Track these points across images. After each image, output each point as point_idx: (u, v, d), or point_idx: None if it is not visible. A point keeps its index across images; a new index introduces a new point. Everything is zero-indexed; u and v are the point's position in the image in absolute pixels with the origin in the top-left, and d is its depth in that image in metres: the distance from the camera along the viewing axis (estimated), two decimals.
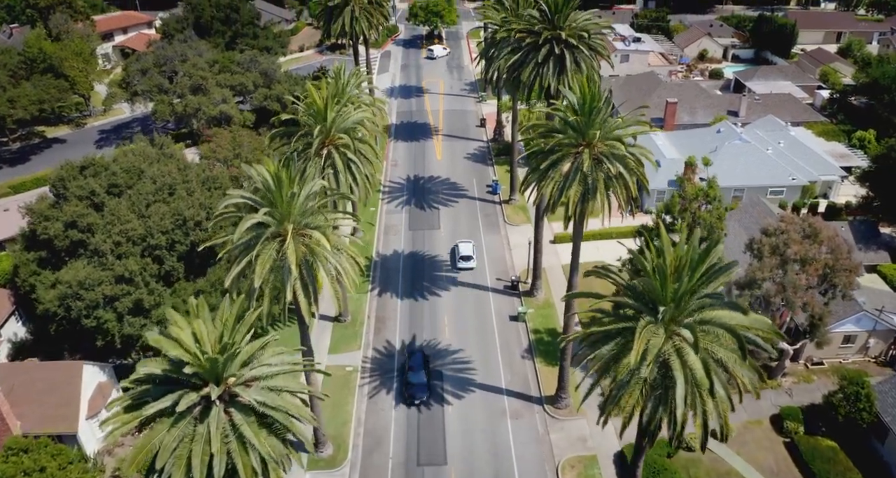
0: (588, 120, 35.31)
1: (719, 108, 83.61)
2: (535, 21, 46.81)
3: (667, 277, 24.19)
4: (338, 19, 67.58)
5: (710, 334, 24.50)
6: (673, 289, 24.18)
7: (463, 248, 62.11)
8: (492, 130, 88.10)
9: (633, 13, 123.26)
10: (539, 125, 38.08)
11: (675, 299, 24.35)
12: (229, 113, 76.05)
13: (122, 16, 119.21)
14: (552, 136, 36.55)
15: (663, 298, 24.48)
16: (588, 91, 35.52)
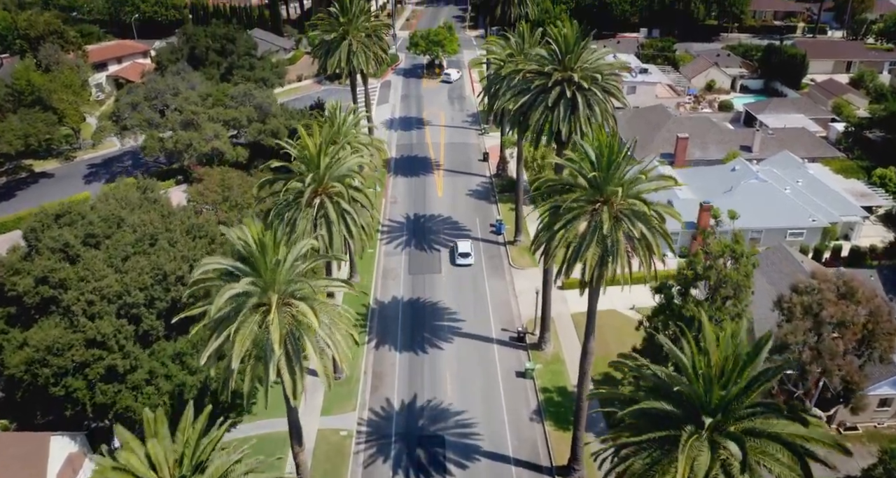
0: (606, 175, 31.88)
1: (732, 144, 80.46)
2: (544, 61, 43.65)
3: (713, 382, 20.56)
4: (335, 53, 64.60)
5: (763, 449, 20.72)
6: (719, 395, 20.54)
7: (462, 245, 65.78)
8: (495, 164, 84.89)
9: (639, 43, 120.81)
10: (552, 180, 34.60)
11: (722, 407, 20.71)
12: (221, 149, 72.93)
13: (116, 45, 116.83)
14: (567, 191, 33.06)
15: (707, 404, 20.84)
16: (607, 143, 32.13)
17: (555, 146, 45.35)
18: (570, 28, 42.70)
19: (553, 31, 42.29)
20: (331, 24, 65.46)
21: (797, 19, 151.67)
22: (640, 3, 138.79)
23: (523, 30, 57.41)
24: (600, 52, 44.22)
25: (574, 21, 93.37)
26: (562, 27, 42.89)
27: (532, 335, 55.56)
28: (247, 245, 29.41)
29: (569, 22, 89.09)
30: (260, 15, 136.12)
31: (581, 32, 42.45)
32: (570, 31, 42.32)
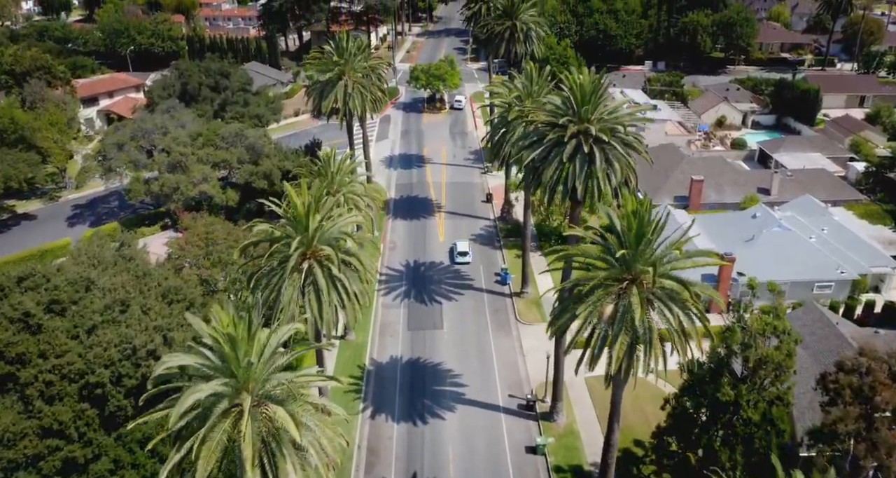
0: (636, 252, 27.55)
1: (748, 186, 76.43)
2: (557, 111, 39.65)
3: None
4: (329, 95, 60.73)
5: None
6: None
7: (460, 245, 69.99)
8: (499, 207, 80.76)
9: (645, 77, 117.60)
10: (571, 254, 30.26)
11: None
12: (209, 193, 68.86)
13: (108, 79, 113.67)
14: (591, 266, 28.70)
15: None
16: (634, 214, 27.88)
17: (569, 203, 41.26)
18: (585, 75, 38.74)
19: (568, 79, 38.33)
20: (325, 63, 61.70)
21: (804, 51, 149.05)
22: (644, 36, 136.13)
23: (531, 70, 53.63)
24: (618, 100, 40.26)
25: (580, 56, 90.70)
26: (576, 74, 38.91)
27: (543, 403, 50.80)
28: (216, 341, 24.94)
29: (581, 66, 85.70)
30: (257, 47, 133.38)
31: (597, 81, 38.41)
32: (585, 78, 38.35)
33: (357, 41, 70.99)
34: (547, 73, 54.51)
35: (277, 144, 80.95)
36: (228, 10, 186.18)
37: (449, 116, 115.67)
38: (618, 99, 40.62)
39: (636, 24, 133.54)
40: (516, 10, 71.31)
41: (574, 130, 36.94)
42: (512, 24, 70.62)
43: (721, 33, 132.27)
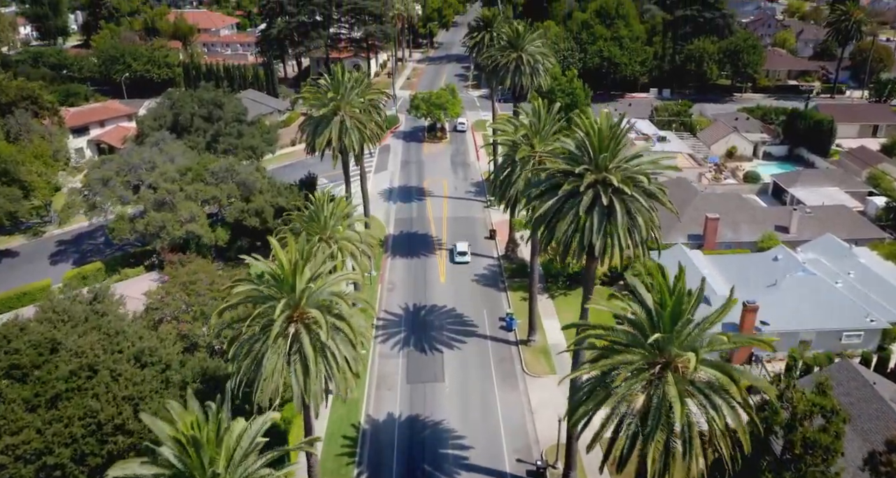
0: (671, 334, 23.62)
1: (766, 224, 72.65)
2: (572, 156, 35.93)
3: None
4: (324, 132, 57.08)
5: None
6: None
7: (460, 246, 74.17)
8: (503, 244, 76.96)
9: (652, 106, 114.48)
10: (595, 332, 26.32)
11: None
12: (197, 233, 65.06)
13: (100, 108, 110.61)
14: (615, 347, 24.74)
15: None
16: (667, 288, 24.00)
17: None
18: (602, 118, 35.06)
19: (584, 124, 34.67)
20: (320, 98, 58.13)
21: (812, 78, 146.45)
22: (649, 63, 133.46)
23: (539, 107, 50.12)
24: (640, 146, 36.59)
25: (587, 87, 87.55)
26: (592, 117, 35.23)
27: (554, 469, 46.49)
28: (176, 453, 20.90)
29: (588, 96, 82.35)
30: (255, 74, 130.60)
31: (616, 125, 34.71)
32: (602, 122, 34.66)
33: (354, 73, 67.74)
34: (556, 110, 50.96)
35: (271, 179, 77.42)
36: (227, 37, 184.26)
37: (450, 146, 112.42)
38: (639, 145, 36.94)
39: (641, 51, 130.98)
40: (522, 42, 68.06)
41: (591, 180, 33.19)
42: (518, 56, 67.37)
43: (728, 61, 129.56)
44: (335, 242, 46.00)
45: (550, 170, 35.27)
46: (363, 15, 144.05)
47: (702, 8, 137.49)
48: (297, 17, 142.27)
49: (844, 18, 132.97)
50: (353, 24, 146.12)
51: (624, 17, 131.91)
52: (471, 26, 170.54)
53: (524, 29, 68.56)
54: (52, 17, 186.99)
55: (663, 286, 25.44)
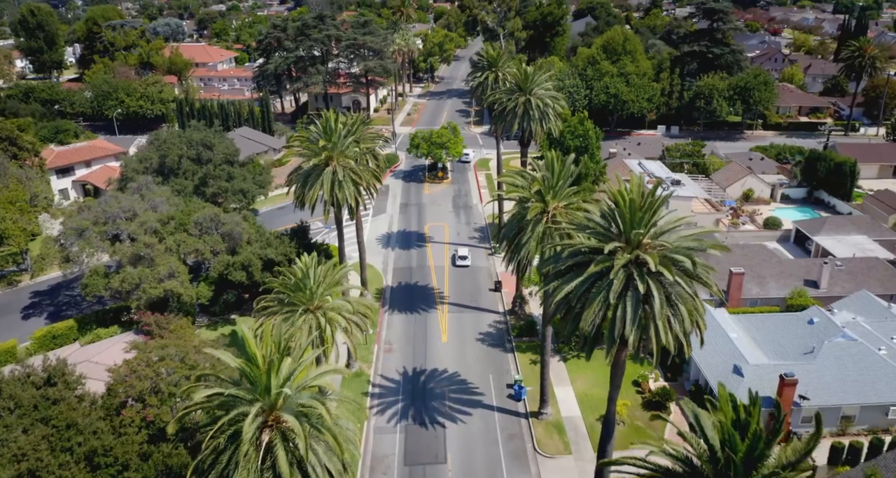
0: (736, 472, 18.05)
1: (794, 278, 67.27)
2: (599, 229, 30.65)
3: None
4: (314, 185, 51.86)
5: None
6: None
7: (461, 251, 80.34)
8: (509, 297, 71.49)
9: (663, 146, 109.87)
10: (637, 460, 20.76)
11: None
12: (177, 291, 59.61)
13: (86, 147, 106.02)
14: None
15: None
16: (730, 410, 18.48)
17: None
18: (634, 184, 29.89)
19: (614, 194, 29.50)
20: (311, 148, 52.96)
21: (823, 115, 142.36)
22: (657, 100, 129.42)
23: (552, 159, 45.06)
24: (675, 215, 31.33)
25: (598, 130, 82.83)
26: (622, 187, 30.01)
27: None
28: None
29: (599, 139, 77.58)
30: (250, 111, 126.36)
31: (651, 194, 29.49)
32: (635, 190, 29.47)
33: (349, 116, 62.95)
34: (570, 162, 45.93)
35: (260, 227, 72.31)
36: (224, 71, 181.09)
37: (452, 187, 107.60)
38: (676, 214, 31.67)
39: (648, 87, 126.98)
40: (530, 84, 63.35)
41: (624, 261, 27.88)
42: (526, 99, 62.59)
43: (738, 98, 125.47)
44: (324, 314, 40.55)
45: (574, 247, 29.98)
46: (363, 50, 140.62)
47: (711, 44, 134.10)
48: (295, 53, 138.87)
49: (858, 55, 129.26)
50: (353, 60, 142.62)
51: (631, 53, 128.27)
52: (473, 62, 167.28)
53: (533, 70, 63.88)
54: (48, 51, 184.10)
55: (725, 410, 19.95)
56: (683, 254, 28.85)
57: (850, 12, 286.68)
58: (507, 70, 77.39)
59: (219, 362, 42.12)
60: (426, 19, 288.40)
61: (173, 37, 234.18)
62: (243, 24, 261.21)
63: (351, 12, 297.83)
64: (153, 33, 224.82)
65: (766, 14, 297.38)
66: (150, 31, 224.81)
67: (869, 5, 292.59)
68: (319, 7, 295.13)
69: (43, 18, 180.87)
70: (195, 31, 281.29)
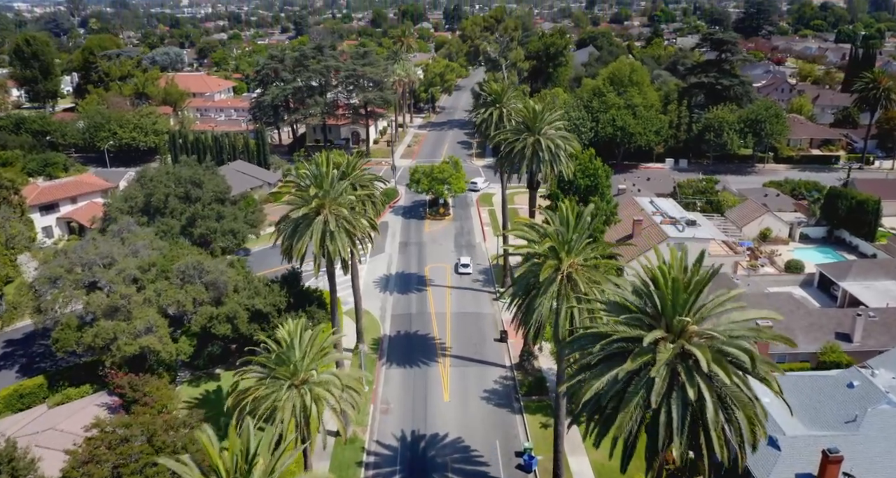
0: None
1: (824, 330, 62.23)
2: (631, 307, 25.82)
3: None
4: (304, 236, 47.00)
5: None
6: None
7: (463, 259, 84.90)
8: (516, 348, 66.36)
9: (675, 182, 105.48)
10: None
11: None
12: (154, 348, 54.59)
13: (72, 182, 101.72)
14: None
15: None
16: None
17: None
18: (674, 257, 25.11)
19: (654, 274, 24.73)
20: (301, 195, 48.13)
21: (836, 147, 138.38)
22: (665, 132, 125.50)
23: (567, 211, 40.41)
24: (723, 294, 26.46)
25: (608, 168, 78.34)
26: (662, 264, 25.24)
27: None
28: None
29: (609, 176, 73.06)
30: (245, 144, 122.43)
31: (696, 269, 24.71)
32: (676, 265, 24.68)
33: (344, 158, 58.53)
34: (587, 214, 41.29)
35: (249, 273, 67.49)
36: (221, 101, 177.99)
37: (454, 224, 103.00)
38: (723, 293, 26.81)
39: (656, 119, 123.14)
40: (540, 123, 58.89)
41: (668, 356, 23.01)
42: (535, 139, 58.11)
43: (749, 130, 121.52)
44: (310, 390, 35.52)
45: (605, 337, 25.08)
46: (362, 81, 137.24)
47: (719, 75, 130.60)
48: (293, 84, 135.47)
49: (872, 86, 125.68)
50: (352, 91, 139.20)
51: (638, 85, 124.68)
52: (474, 93, 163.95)
53: (542, 108, 59.45)
54: (42, 81, 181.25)
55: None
56: (739, 347, 24.02)
57: (853, 41, 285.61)
58: (513, 106, 73.22)
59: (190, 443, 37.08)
60: (427, 49, 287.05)
61: (172, 66, 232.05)
62: (244, 53, 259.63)
63: (352, 41, 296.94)
64: (151, 63, 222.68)
65: (769, 43, 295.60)
66: (149, 61, 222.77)
67: (871, 35, 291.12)
68: (320, 36, 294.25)
69: (38, 48, 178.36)
70: (195, 59, 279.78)
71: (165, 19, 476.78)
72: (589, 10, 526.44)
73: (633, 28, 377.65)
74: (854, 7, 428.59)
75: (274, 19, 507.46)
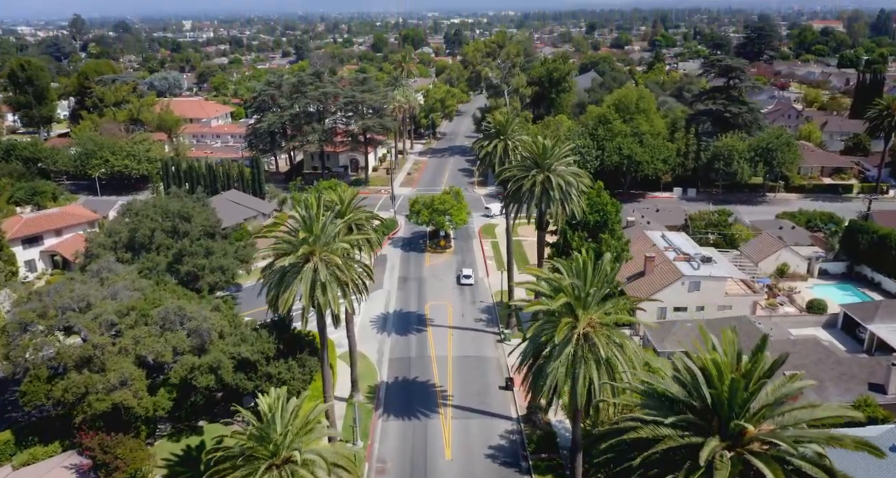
0: None
1: (856, 380, 57.66)
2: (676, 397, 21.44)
3: None
4: (292, 285, 42.48)
5: None
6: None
7: (465, 271, 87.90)
8: (522, 398, 61.59)
9: (686, 216, 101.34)
10: None
11: None
12: (128, 404, 49.97)
13: (58, 214, 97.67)
14: None
15: None
16: None
17: None
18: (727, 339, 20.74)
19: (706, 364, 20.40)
20: (289, 242, 43.53)
21: (847, 175, 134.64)
22: (672, 160, 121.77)
23: (582, 262, 36.12)
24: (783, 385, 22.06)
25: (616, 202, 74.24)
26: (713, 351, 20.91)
27: None
28: None
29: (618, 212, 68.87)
30: (240, 172, 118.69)
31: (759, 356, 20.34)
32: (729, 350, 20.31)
33: (339, 192, 54.42)
34: (606, 264, 37.01)
35: (236, 317, 63.00)
36: (217, 127, 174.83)
37: (455, 257, 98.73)
38: (792, 382, 22.40)
39: (663, 148, 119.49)
40: (550, 159, 54.73)
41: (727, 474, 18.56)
42: (545, 177, 53.91)
43: (760, 159, 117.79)
44: (292, 473, 30.92)
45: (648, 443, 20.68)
46: (361, 107, 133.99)
47: (728, 102, 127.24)
48: (290, 111, 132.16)
49: (886, 114, 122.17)
50: (351, 117, 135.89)
51: (645, 112, 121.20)
52: (476, 119, 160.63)
53: (552, 143, 55.34)
54: (36, 106, 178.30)
55: None
56: (815, 463, 19.63)
57: (856, 66, 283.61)
58: (518, 138, 69.30)
59: None
60: (427, 73, 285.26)
61: (170, 91, 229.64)
62: (243, 78, 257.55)
63: (353, 66, 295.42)
64: (149, 87, 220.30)
65: (771, 68, 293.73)
66: (147, 85, 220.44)
67: (874, 59, 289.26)
68: (321, 61, 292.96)
69: (33, 73, 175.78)
70: (195, 84, 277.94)
71: (167, 43, 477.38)
72: (589, 34, 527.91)
73: (633, 53, 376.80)
74: (855, 32, 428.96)
75: (275, 44, 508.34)
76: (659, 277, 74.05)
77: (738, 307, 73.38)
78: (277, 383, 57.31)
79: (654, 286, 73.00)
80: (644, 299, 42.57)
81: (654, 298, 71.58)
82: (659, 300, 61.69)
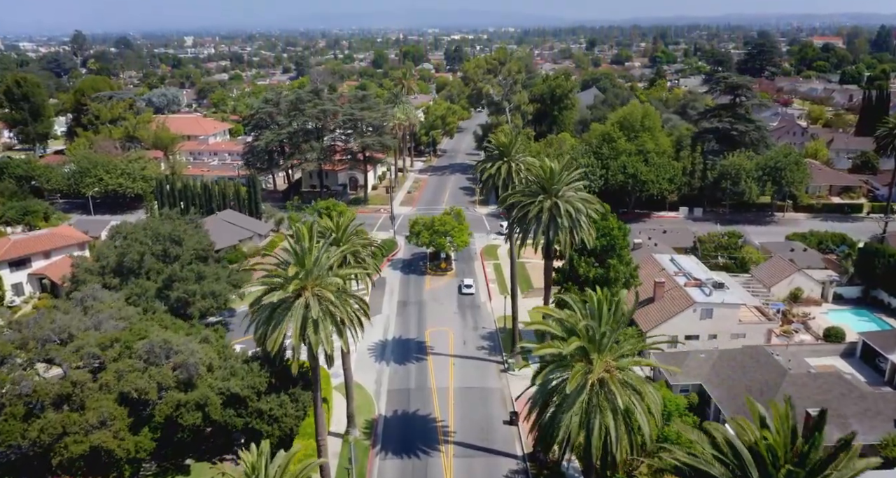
0: None
1: (882, 417, 54.37)
2: None
3: None
4: (282, 323, 39.18)
5: None
6: None
7: (466, 281, 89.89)
8: (527, 434, 58.06)
9: (695, 238, 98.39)
10: None
11: None
12: (107, 446, 46.77)
13: (46, 236, 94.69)
14: None
15: None
16: None
17: None
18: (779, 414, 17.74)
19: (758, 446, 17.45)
20: (279, 276, 40.32)
21: (856, 195, 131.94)
22: (679, 180, 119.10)
23: (599, 302, 33.16)
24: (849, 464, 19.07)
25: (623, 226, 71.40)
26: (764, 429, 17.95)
27: None
28: None
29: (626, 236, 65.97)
30: (236, 191, 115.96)
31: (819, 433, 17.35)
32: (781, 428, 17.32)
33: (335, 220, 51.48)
34: (621, 302, 34.02)
35: (226, 348, 59.89)
36: (215, 144, 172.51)
37: (456, 280, 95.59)
38: (855, 467, 19.33)
39: (669, 166, 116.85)
40: (557, 184, 51.80)
41: None
42: (553, 203, 50.97)
43: (768, 178, 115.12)
44: None
45: None
46: (360, 125, 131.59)
47: (734, 120, 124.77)
48: (288, 128, 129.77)
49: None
50: (350, 135, 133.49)
51: (650, 130, 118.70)
52: (477, 136, 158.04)
53: (560, 167, 52.50)
54: (32, 123, 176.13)
55: None
56: None
57: (858, 82, 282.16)
58: (522, 160, 66.51)
59: None
60: (428, 90, 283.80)
61: (169, 107, 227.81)
62: (243, 94, 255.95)
63: (353, 82, 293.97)
64: (148, 104, 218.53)
65: (773, 85, 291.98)
66: (145, 102, 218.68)
67: (876, 76, 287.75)
68: (321, 77, 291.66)
69: (29, 89, 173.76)
70: (195, 100, 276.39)
71: (168, 59, 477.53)
72: (589, 51, 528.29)
73: (634, 69, 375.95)
74: (856, 48, 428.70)
75: (276, 60, 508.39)
76: (669, 304, 70.98)
77: (752, 335, 70.26)
78: (269, 420, 54.28)
79: (665, 314, 69.92)
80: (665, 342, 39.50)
81: (664, 325, 68.64)
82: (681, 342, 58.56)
